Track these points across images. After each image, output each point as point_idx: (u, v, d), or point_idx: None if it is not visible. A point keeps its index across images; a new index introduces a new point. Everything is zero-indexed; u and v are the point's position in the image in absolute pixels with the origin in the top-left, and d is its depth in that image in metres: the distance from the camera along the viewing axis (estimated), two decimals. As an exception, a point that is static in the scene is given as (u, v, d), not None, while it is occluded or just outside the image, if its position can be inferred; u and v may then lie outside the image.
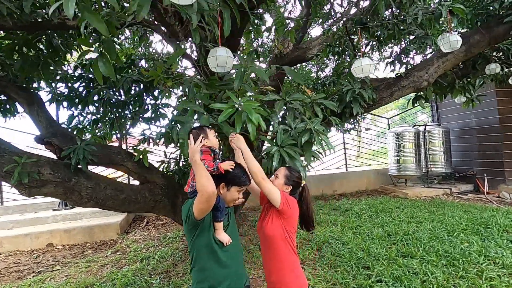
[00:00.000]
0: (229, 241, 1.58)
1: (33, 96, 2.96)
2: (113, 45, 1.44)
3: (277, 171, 1.81)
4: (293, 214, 1.69)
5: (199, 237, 1.54)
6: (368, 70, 2.57)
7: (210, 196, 1.39)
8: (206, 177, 1.42)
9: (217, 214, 1.55)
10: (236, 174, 1.62)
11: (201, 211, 1.46)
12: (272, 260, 1.70)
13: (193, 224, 1.52)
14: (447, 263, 3.13)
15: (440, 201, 5.93)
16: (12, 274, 4.08)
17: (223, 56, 1.74)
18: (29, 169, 2.38)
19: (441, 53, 3.39)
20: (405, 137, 7.19)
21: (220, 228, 1.58)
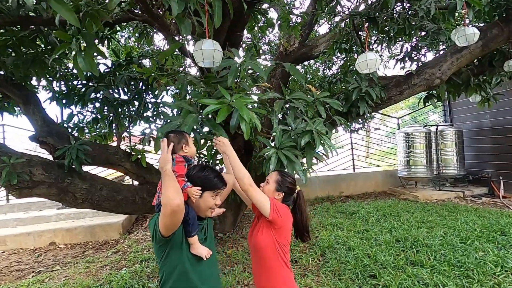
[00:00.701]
0: (208, 253, 1.41)
1: (29, 95, 2.89)
2: (93, 39, 1.32)
3: (268, 176, 1.66)
4: (285, 224, 1.53)
5: (169, 256, 1.37)
6: (373, 65, 2.38)
7: (174, 210, 1.22)
8: (174, 189, 1.25)
9: (187, 229, 1.38)
10: (207, 177, 1.44)
11: (167, 227, 1.28)
12: (262, 275, 1.55)
13: (162, 242, 1.35)
14: (460, 274, 2.93)
15: (452, 205, 5.67)
16: (12, 273, 4.06)
17: (209, 50, 1.61)
18: (19, 169, 2.30)
19: (455, 49, 3.18)
20: (415, 137, 6.92)
21: (195, 242, 1.40)
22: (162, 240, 1.33)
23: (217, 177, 1.45)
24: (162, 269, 1.40)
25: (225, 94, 1.62)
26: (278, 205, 1.51)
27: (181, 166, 1.43)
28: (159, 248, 1.38)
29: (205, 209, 1.44)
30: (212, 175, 1.45)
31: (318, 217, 5.37)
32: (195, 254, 1.40)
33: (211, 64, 1.66)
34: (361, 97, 3.03)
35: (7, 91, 2.79)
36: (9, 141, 6.35)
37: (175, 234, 1.35)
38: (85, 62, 1.31)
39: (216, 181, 1.44)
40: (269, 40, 8.80)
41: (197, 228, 1.41)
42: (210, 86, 2.16)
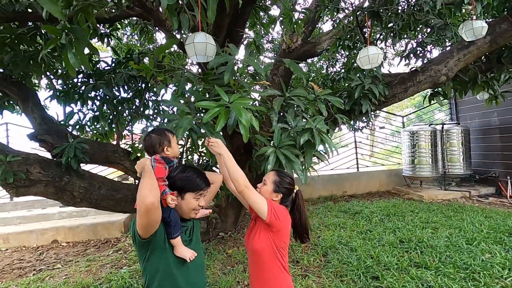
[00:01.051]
0: (192, 255, 1.36)
1: (27, 93, 2.87)
2: (83, 33, 1.28)
3: (265, 176, 1.58)
4: (284, 227, 1.47)
5: (151, 259, 1.31)
6: (375, 60, 2.29)
7: (148, 208, 1.16)
8: (149, 187, 1.21)
9: (169, 231, 1.32)
10: (188, 177, 1.37)
11: (143, 227, 1.22)
12: (259, 279, 1.50)
13: (141, 244, 1.29)
14: (466, 276, 2.85)
15: (458, 205, 5.56)
16: (14, 271, 4.07)
17: (201, 43, 1.55)
18: (16, 168, 2.28)
19: (462, 45, 3.08)
20: (420, 136, 6.80)
21: (178, 244, 1.35)
22: (141, 242, 1.28)
23: (199, 178, 1.40)
24: (145, 272, 1.35)
25: (221, 94, 1.55)
26: (276, 207, 1.44)
27: (161, 168, 1.36)
28: (140, 250, 1.33)
29: (188, 211, 1.39)
30: (194, 175, 1.39)
31: (321, 216, 5.31)
32: (179, 257, 1.35)
33: (204, 59, 1.61)
34: (364, 95, 2.96)
35: (6, 89, 2.77)
36: (13, 139, 6.39)
37: (156, 236, 1.29)
38: (76, 57, 1.26)
39: (199, 182, 1.39)
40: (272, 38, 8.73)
41: (179, 230, 1.35)
42: (209, 83, 2.11)
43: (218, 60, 1.76)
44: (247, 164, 3.02)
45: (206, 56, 1.60)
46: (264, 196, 1.52)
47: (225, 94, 1.47)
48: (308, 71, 7.69)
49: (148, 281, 1.34)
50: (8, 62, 2.46)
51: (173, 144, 1.45)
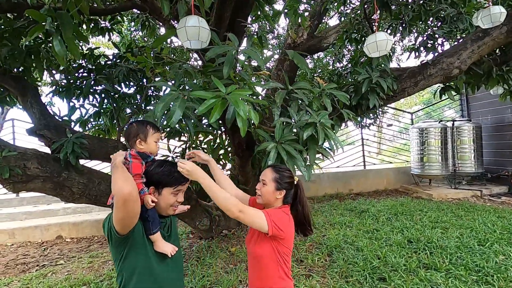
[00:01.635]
0: (173, 250, 1.30)
1: (26, 87, 2.83)
2: (70, 19, 1.20)
3: (262, 176, 1.47)
4: (287, 234, 1.38)
5: (129, 257, 1.23)
6: (384, 47, 2.15)
7: (126, 198, 1.09)
8: (123, 178, 1.14)
9: (147, 226, 1.26)
10: (165, 172, 1.30)
11: (121, 221, 1.15)
12: (258, 284, 1.41)
13: (118, 242, 1.21)
14: (478, 279, 2.72)
15: (469, 204, 5.38)
16: (18, 266, 4.08)
17: (194, 27, 1.45)
18: (13, 163, 2.23)
19: (476, 36, 2.92)
20: (430, 133, 6.61)
21: (158, 239, 1.28)
22: (118, 239, 1.21)
23: (177, 172, 1.31)
24: (121, 272, 1.27)
25: (219, 86, 1.46)
26: (276, 218, 1.34)
27: (138, 164, 1.28)
28: (117, 248, 1.24)
29: (165, 207, 1.31)
30: (171, 169, 1.31)
31: (326, 215, 5.20)
32: (160, 252, 1.29)
33: (198, 44, 1.51)
34: (372, 89, 2.83)
35: (5, 83, 2.74)
36: (19, 135, 6.42)
37: (134, 232, 1.22)
38: (61, 45, 1.18)
39: (176, 176, 1.30)
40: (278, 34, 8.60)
41: (158, 226, 1.28)
42: (209, 76, 2.02)
43: (216, 50, 1.67)
44: (249, 161, 2.93)
45: (200, 41, 1.50)
46: (266, 197, 1.44)
47: (222, 85, 1.38)
48: (314, 67, 7.55)
49: (125, 280, 1.26)
50: (5, 56, 2.41)
51: (149, 140, 1.34)
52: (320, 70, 7.33)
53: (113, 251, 1.28)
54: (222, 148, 3.41)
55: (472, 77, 3.43)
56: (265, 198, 1.45)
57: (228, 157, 3.41)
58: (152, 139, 1.35)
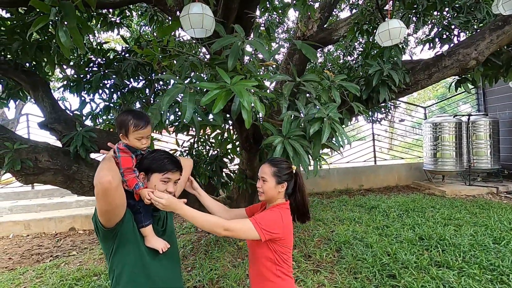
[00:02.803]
0: (165, 246, 1.24)
1: (37, 81, 2.87)
2: (73, 10, 1.19)
3: (261, 173, 1.42)
4: (284, 233, 1.34)
5: (119, 252, 1.18)
6: (397, 35, 2.06)
7: (105, 188, 1.04)
8: (107, 167, 1.10)
9: (138, 218, 1.21)
10: (155, 157, 1.24)
11: (103, 213, 1.10)
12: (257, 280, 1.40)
13: (105, 235, 1.17)
14: (493, 278, 2.63)
15: (484, 201, 5.22)
16: (32, 256, 4.22)
17: (197, 14, 1.42)
18: (24, 155, 2.28)
19: (495, 25, 2.79)
20: (444, 128, 6.41)
21: (150, 233, 1.23)
22: (105, 232, 1.16)
23: (167, 159, 1.26)
24: (112, 268, 1.23)
25: (224, 77, 1.43)
26: (265, 223, 1.28)
27: (127, 157, 1.22)
28: (106, 243, 1.21)
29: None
30: (162, 156, 1.26)
31: (335, 210, 5.14)
32: (156, 255, 1.24)
33: (203, 33, 1.49)
34: (383, 82, 2.74)
35: (16, 77, 2.78)
36: (33, 130, 6.59)
37: (123, 225, 1.17)
38: (67, 36, 1.18)
39: (166, 163, 1.24)
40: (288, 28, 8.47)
41: (150, 218, 1.24)
42: (215, 69, 2.00)
43: (221, 42, 1.63)
44: (257, 155, 2.90)
45: (205, 29, 1.47)
46: (269, 194, 1.40)
47: (227, 75, 1.35)
48: (324, 61, 7.42)
49: (116, 277, 1.21)
50: (16, 50, 2.44)
51: (130, 137, 1.22)
52: (330, 64, 7.19)
53: (103, 246, 1.24)
54: (230, 142, 3.40)
55: (490, 69, 3.28)
56: (268, 195, 1.41)
57: (236, 152, 3.40)
58: (133, 136, 1.22)
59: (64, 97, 6.32)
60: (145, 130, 1.24)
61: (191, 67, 1.99)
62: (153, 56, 2.10)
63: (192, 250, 3.88)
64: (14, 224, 5.18)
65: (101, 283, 3.04)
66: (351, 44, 5.63)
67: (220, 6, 2.50)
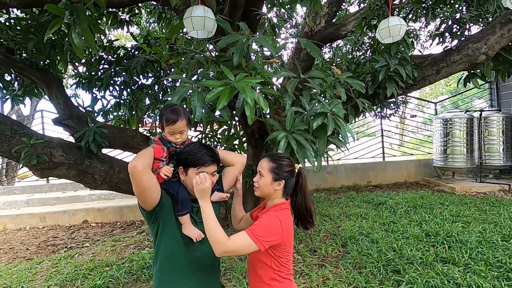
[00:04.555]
0: (199, 236, 1.29)
1: (51, 79, 2.98)
2: (85, 12, 1.25)
3: (259, 167, 1.35)
4: (284, 238, 1.27)
5: (159, 236, 1.29)
6: (397, 32, 2.05)
7: (131, 171, 1.14)
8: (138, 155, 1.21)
9: (176, 207, 1.28)
10: (188, 151, 1.27)
11: (138, 195, 1.22)
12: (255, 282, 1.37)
13: (147, 217, 1.30)
14: (499, 275, 2.61)
15: (494, 199, 5.13)
16: (48, 247, 4.40)
17: (199, 17, 1.46)
18: (40, 150, 2.38)
19: (506, 19, 2.73)
20: (455, 124, 6.30)
21: (186, 222, 1.29)
22: (146, 215, 1.28)
23: (201, 152, 1.27)
24: (154, 248, 1.35)
25: (228, 74, 1.48)
26: (261, 232, 1.21)
27: (159, 149, 1.29)
28: (149, 225, 1.34)
29: (192, 189, 1.26)
30: (198, 149, 1.28)
31: (342, 206, 5.15)
32: (192, 242, 1.30)
33: (205, 34, 1.53)
34: (389, 77, 2.73)
35: (32, 75, 2.89)
36: (48, 125, 6.81)
37: (162, 211, 1.27)
38: (79, 37, 1.25)
39: (199, 157, 1.25)
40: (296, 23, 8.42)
41: (188, 208, 1.30)
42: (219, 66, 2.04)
43: (227, 40, 1.68)
44: (263, 150, 2.95)
45: (207, 31, 1.52)
46: (264, 190, 1.33)
47: (231, 73, 1.39)
48: (333, 56, 7.36)
49: (154, 258, 1.34)
50: (31, 49, 2.54)
51: (165, 130, 1.30)
52: (339, 59, 7.13)
53: (149, 227, 1.36)
54: (237, 138, 3.45)
55: (501, 64, 3.20)
56: (263, 191, 1.34)
57: (242, 147, 3.45)
58: (166, 130, 1.30)
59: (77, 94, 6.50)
60: (175, 126, 1.28)
61: (197, 65, 2.03)
62: (161, 54, 2.16)
63: (200, 243, 3.97)
64: (31, 216, 5.40)
65: (113, 273, 3.16)
66: (360, 38, 5.57)
67: (226, 4, 2.54)
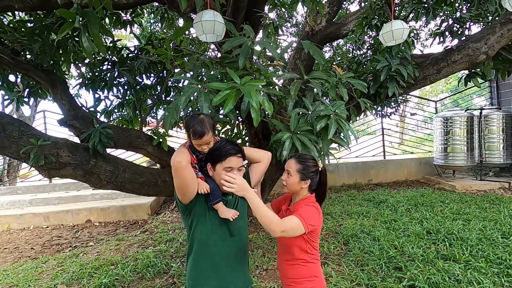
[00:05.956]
0: (235, 214, 1.39)
1: (56, 79, 3.01)
2: (95, 16, 1.29)
3: (287, 166, 1.52)
4: (319, 226, 1.47)
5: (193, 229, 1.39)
6: (400, 35, 2.09)
7: (176, 166, 1.25)
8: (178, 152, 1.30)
9: (208, 198, 1.38)
10: (215, 147, 1.37)
11: (178, 189, 1.32)
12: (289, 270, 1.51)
13: (182, 210, 1.39)
14: (499, 272, 2.66)
15: (495, 196, 5.17)
16: (53, 247, 4.45)
17: (209, 21, 1.50)
18: (47, 151, 2.42)
19: (506, 19, 2.76)
20: (455, 122, 6.33)
21: (220, 207, 1.38)
22: (182, 207, 1.38)
23: (228, 147, 1.36)
24: (188, 239, 1.44)
25: (233, 77, 1.51)
26: (310, 219, 1.39)
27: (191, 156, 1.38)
28: (184, 218, 1.43)
29: (220, 184, 1.36)
30: (222, 145, 1.37)
31: (344, 204, 5.19)
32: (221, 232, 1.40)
33: (214, 38, 1.57)
34: (391, 77, 2.76)
35: (36, 76, 2.92)
36: (50, 126, 6.84)
37: (196, 205, 1.36)
38: (89, 41, 1.28)
39: (225, 149, 1.35)
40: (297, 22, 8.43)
41: (218, 197, 1.38)
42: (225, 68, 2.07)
43: (232, 42, 1.71)
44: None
45: (216, 35, 1.55)
46: (292, 188, 1.49)
47: (237, 76, 1.43)
48: (333, 55, 7.38)
49: (189, 248, 1.43)
50: (37, 51, 2.57)
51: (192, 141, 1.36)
52: (340, 58, 7.16)
53: (183, 220, 1.46)
54: (239, 138, 3.48)
55: (501, 63, 3.24)
56: (291, 189, 1.51)
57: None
58: (194, 143, 1.36)
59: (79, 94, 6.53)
60: (202, 140, 1.33)
61: (202, 66, 2.07)
62: (166, 55, 2.19)
63: (203, 242, 4.01)
64: (34, 216, 5.44)
65: (118, 271, 3.20)
66: (361, 38, 5.59)
67: (229, 5, 2.57)
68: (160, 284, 2.93)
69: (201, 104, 1.48)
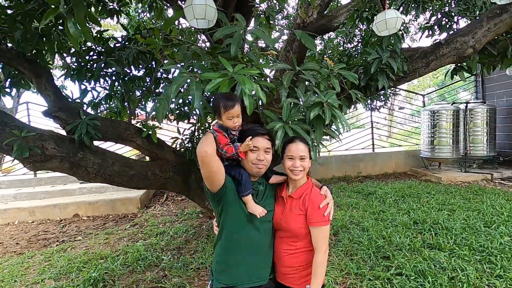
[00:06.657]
0: (263, 212, 1.41)
1: (40, 69, 2.90)
2: (82, 1, 1.23)
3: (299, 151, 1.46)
4: None
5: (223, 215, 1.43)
6: (394, 25, 2.11)
7: (202, 156, 1.26)
8: (204, 141, 1.29)
9: (240, 189, 1.40)
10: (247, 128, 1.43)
11: (206, 178, 1.34)
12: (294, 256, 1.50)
13: (212, 198, 1.42)
14: (481, 259, 2.76)
15: (478, 188, 5.35)
16: (39, 242, 4.35)
17: (200, 5, 1.46)
18: (31, 143, 2.34)
19: (493, 13, 2.80)
20: (441, 115, 6.48)
21: (249, 201, 1.41)
22: (211, 195, 1.40)
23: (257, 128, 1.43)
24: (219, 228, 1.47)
25: (226, 66, 1.49)
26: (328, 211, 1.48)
27: (222, 136, 1.40)
28: (214, 206, 1.46)
29: (250, 167, 1.42)
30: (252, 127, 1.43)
31: (333, 196, 5.23)
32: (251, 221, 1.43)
33: (205, 23, 1.53)
34: (381, 70, 2.78)
35: (19, 66, 2.81)
36: (35, 118, 6.62)
37: (226, 192, 1.38)
38: (75, 27, 1.23)
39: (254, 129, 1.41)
40: (288, 14, 8.37)
41: (249, 189, 1.41)
42: (216, 57, 2.04)
43: (224, 31, 1.68)
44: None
45: (207, 20, 1.52)
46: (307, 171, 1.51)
47: (229, 64, 1.41)
48: (324, 48, 7.39)
49: (218, 235, 1.48)
50: (18, 39, 2.47)
51: (223, 117, 1.38)
52: (331, 51, 7.17)
53: (213, 206, 1.47)
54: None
55: (486, 57, 3.31)
56: (306, 172, 1.50)
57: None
58: (225, 117, 1.38)
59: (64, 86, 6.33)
60: (233, 110, 1.37)
61: (193, 56, 2.03)
62: (155, 45, 2.13)
63: (194, 234, 4.01)
64: (19, 210, 5.30)
65: (108, 265, 3.17)
66: (351, 31, 5.60)
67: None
68: (151, 277, 2.92)
69: (193, 93, 1.45)
